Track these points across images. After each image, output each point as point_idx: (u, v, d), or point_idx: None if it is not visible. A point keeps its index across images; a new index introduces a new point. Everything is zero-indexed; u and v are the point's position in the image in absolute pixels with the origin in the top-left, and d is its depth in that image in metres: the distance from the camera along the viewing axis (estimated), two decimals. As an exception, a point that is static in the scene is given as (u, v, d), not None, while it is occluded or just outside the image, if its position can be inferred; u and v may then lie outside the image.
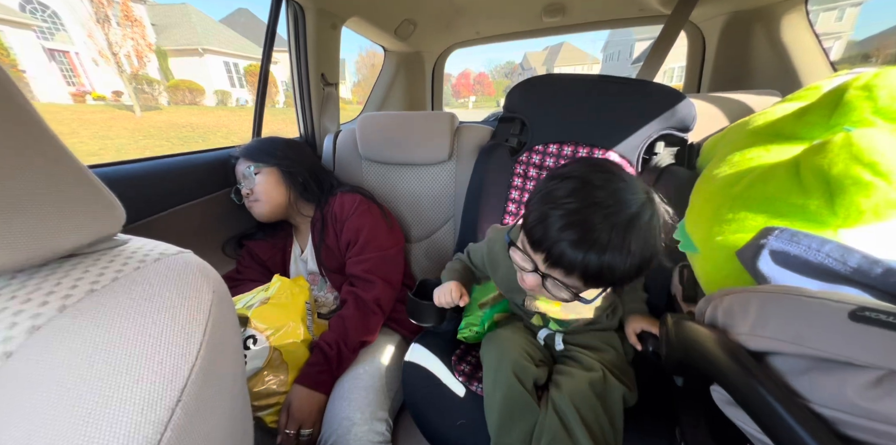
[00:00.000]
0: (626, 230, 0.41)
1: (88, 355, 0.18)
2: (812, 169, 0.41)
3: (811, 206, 0.41)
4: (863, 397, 0.20)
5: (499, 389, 0.52)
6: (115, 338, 0.19)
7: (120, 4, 10.60)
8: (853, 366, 0.21)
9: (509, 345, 0.57)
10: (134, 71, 11.20)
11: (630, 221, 0.41)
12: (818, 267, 0.34)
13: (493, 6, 1.36)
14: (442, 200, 1.00)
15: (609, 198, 0.42)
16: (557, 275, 0.45)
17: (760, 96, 0.86)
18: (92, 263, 0.23)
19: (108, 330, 0.19)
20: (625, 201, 0.42)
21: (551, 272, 0.45)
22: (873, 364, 0.20)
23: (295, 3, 0.98)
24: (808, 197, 0.41)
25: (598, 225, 0.41)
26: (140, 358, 0.19)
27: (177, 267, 0.25)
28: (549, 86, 0.84)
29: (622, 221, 0.41)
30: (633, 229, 0.41)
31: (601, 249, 0.41)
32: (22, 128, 0.20)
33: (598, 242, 0.41)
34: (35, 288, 0.20)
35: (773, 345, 0.27)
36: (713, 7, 1.20)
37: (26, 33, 10.75)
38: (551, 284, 0.46)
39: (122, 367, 0.18)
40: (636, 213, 0.42)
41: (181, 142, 9.08)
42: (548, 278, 0.46)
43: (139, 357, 0.19)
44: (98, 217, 0.24)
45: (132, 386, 0.18)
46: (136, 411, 0.17)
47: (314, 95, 1.14)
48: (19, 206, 0.19)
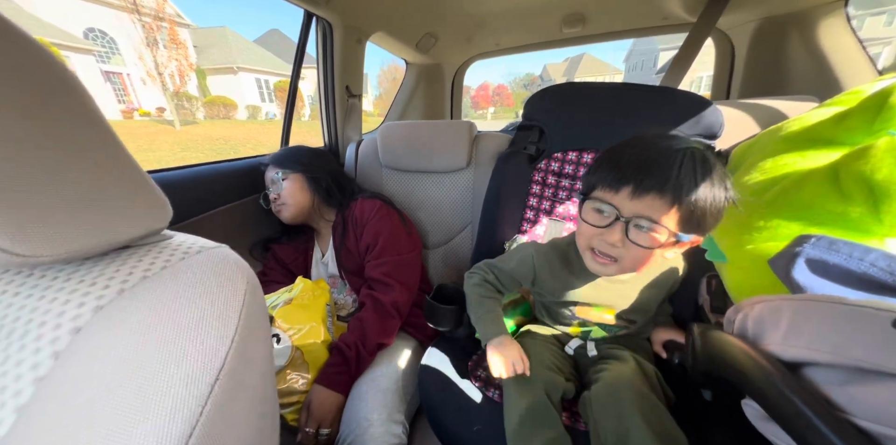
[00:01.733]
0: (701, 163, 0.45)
1: (142, 333, 0.20)
2: (853, 175, 0.39)
3: (853, 214, 0.39)
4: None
5: (525, 398, 0.50)
6: (164, 319, 0.21)
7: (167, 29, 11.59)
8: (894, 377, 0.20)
9: (538, 357, 0.55)
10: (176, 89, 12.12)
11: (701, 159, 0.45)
12: (862, 277, 0.32)
13: (513, 18, 1.39)
14: (460, 207, 1.01)
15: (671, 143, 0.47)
16: (645, 209, 0.45)
17: (796, 102, 0.83)
18: (144, 253, 0.25)
19: (159, 312, 0.21)
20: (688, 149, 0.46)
21: (639, 206, 0.45)
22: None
23: (324, 21, 1.04)
24: (850, 204, 0.39)
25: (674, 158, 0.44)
26: (185, 338, 0.20)
27: (216, 259, 0.27)
28: (569, 94, 0.84)
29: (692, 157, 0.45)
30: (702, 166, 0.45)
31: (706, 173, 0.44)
32: (94, 132, 0.22)
33: (680, 169, 0.43)
34: (99, 273, 0.23)
35: (808, 355, 0.25)
36: (743, 14, 1.17)
37: (88, 58, 11.96)
38: (634, 230, 0.46)
39: (170, 346, 0.20)
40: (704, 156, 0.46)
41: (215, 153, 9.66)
42: (632, 222, 0.46)
43: (184, 337, 0.20)
44: (150, 213, 0.26)
45: (179, 363, 0.19)
46: (182, 385, 0.19)
47: (339, 106, 1.20)
48: (91, 201, 0.21)
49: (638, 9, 1.33)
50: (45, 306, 0.21)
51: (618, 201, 0.46)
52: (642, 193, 0.45)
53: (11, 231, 0.19)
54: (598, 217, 0.48)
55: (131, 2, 10.94)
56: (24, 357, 0.19)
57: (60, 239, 0.21)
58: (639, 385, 0.47)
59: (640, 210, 0.45)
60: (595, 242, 0.50)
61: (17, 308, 0.21)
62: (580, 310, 0.60)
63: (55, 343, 0.20)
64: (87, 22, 12.58)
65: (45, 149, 0.20)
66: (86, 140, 0.22)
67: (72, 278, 0.23)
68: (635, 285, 0.56)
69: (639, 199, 0.45)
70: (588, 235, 0.50)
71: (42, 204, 0.20)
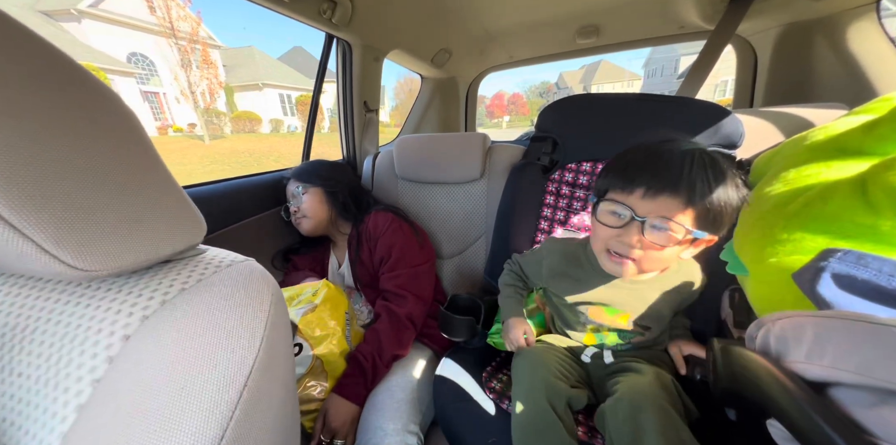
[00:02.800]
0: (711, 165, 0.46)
1: (181, 341, 0.22)
2: (883, 186, 0.37)
3: (883, 227, 0.37)
4: None
5: (525, 405, 0.50)
6: (199, 329, 0.23)
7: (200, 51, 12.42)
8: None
9: (542, 363, 0.55)
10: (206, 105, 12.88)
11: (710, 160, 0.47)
12: (893, 293, 0.31)
13: (527, 31, 1.42)
14: (474, 218, 1.02)
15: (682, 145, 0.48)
16: (660, 209, 0.46)
17: (823, 110, 0.80)
18: (182, 267, 0.28)
19: (196, 322, 0.23)
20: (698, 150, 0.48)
21: (654, 206, 0.46)
22: None
23: (344, 42, 1.10)
24: (879, 216, 0.38)
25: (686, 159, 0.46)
26: (218, 346, 0.22)
27: (244, 273, 0.29)
28: (583, 105, 0.85)
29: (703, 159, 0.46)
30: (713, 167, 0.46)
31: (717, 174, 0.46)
32: (144, 156, 0.25)
33: (717, 167, 0.46)
34: (144, 285, 0.25)
35: (833, 375, 0.25)
36: (764, 20, 1.15)
37: (130, 80, 12.99)
38: (650, 230, 0.46)
39: (206, 353, 0.22)
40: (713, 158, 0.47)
41: (240, 166, 10.13)
42: (647, 222, 0.46)
43: (217, 346, 0.22)
44: (188, 229, 0.29)
45: (212, 370, 0.21)
46: (215, 390, 0.20)
47: (357, 121, 1.25)
48: (140, 220, 0.24)
49: (653, 19, 1.33)
50: (100, 315, 0.23)
51: (632, 202, 0.47)
52: (656, 193, 0.46)
53: (74, 248, 0.21)
54: (614, 218, 0.49)
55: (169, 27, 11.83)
56: (83, 360, 0.22)
57: (114, 256, 0.23)
58: (657, 398, 0.46)
59: (655, 209, 0.46)
60: (612, 244, 0.50)
61: (77, 316, 0.23)
62: (593, 312, 0.59)
63: (109, 348, 0.22)
64: (130, 47, 13.67)
65: (105, 174, 0.23)
66: (137, 163, 0.25)
67: (122, 290, 0.25)
68: (652, 287, 0.56)
69: (652, 199, 0.46)
70: (605, 237, 0.51)
71: (101, 223, 0.22)
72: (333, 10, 0.85)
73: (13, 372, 0.22)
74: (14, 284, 0.26)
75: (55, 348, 0.22)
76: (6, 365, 0.22)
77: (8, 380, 0.22)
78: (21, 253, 0.20)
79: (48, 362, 0.22)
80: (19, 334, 0.23)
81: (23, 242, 0.19)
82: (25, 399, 0.21)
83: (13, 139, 0.18)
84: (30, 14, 11.15)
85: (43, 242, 0.20)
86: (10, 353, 0.23)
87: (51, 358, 0.22)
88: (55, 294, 0.25)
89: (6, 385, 0.22)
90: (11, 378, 0.22)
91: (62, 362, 0.22)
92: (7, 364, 0.22)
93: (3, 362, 0.22)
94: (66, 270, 0.21)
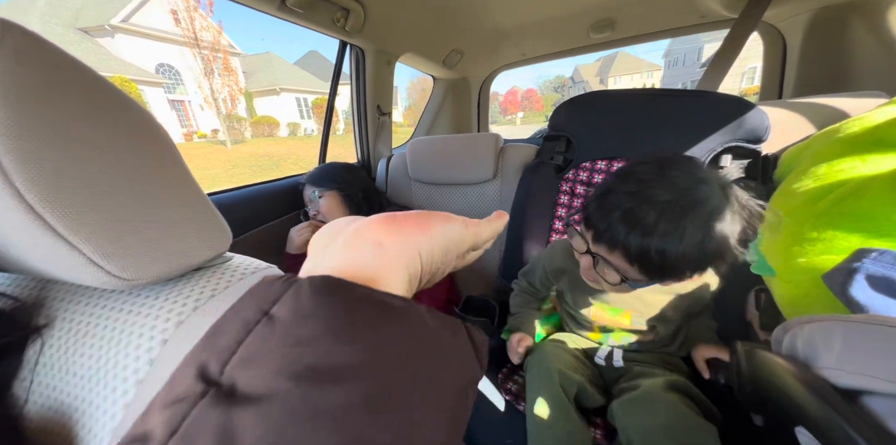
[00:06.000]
0: (680, 216, 0.40)
1: None
2: None
3: None
4: None
5: (540, 395, 0.51)
6: None
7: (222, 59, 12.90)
8: None
9: (556, 356, 0.56)
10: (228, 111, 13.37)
11: (686, 207, 0.40)
12: (933, 296, 0.29)
13: (539, 28, 1.40)
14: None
15: (666, 185, 0.42)
16: (603, 253, 0.46)
17: (859, 99, 0.75)
18: (211, 275, 0.30)
19: None
20: (685, 188, 0.41)
21: (598, 249, 0.47)
22: None
23: (357, 48, 1.12)
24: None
25: (647, 208, 0.41)
26: None
27: None
28: (597, 103, 0.83)
29: (675, 206, 0.40)
30: (689, 216, 0.40)
31: (646, 231, 0.41)
32: (177, 171, 0.27)
33: (643, 223, 0.41)
34: (178, 292, 0.27)
35: (864, 382, 0.24)
36: (793, 5, 1.09)
37: (158, 90, 13.70)
38: (601, 265, 0.47)
39: None
40: (697, 201, 0.41)
41: (260, 170, 10.47)
42: (597, 258, 0.47)
43: None
44: (215, 238, 0.31)
45: None
46: None
47: (370, 124, 1.27)
48: (176, 232, 0.26)
49: (672, 9, 1.28)
50: (140, 320, 0.25)
51: (588, 236, 0.49)
52: (597, 242, 0.47)
53: (119, 259, 0.23)
54: (578, 243, 0.51)
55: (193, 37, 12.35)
56: (127, 362, 0.24)
57: (153, 266, 0.25)
58: (669, 400, 0.46)
59: (601, 252, 0.47)
60: (579, 260, 0.53)
61: (121, 321, 0.26)
62: (595, 313, 0.59)
63: (150, 352, 0.24)
64: (158, 58, 14.37)
65: (144, 191, 0.24)
66: (171, 179, 0.27)
67: (159, 296, 0.27)
68: (650, 289, 0.54)
69: (597, 245, 0.47)
70: (575, 253, 0.54)
71: (141, 236, 0.24)
72: (346, 18, 0.87)
73: (69, 372, 0.24)
74: (67, 291, 0.29)
75: (103, 350, 0.24)
76: (63, 366, 0.25)
77: (65, 379, 0.24)
78: (72, 264, 0.22)
79: (98, 363, 0.24)
80: (72, 337, 0.25)
81: (74, 254, 0.21)
82: (81, 396, 0.24)
83: (63, 163, 0.20)
84: (69, 32, 11.90)
85: (91, 254, 0.22)
86: (65, 355, 0.25)
87: (100, 360, 0.24)
88: (101, 300, 0.27)
89: (64, 384, 0.24)
90: (68, 377, 0.24)
91: (110, 364, 0.24)
92: (64, 364, 0.25)
93: (60, 363, 0.25)
94: (111, 279, 0.23)
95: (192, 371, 0.11)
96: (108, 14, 12.90)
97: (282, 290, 0.12)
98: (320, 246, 0.17)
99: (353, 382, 0.11)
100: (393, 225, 0.15)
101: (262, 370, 0.10)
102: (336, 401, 0.10)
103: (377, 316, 0.12)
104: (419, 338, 0.13)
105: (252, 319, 0.12)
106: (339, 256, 0.15)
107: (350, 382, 0.11)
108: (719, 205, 0.41)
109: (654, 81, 46.56)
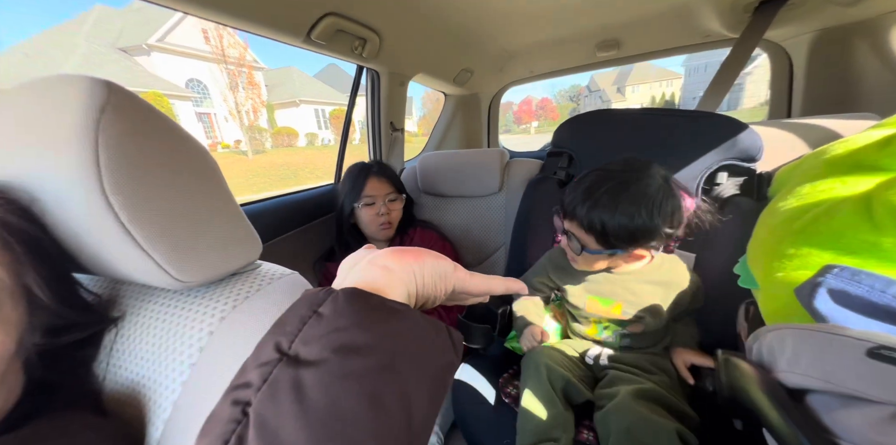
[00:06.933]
0: (620, 192, 0.53)
1: (247, 338, 0.29)
2: (886, 205, 0.38)
3: (885, 244, 0.38)
4: (878, 431, 0.20)
5: (530, 388, 0.57)
6: (259, 329, 0.30)
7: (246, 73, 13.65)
8: (871, 402, 0.21)
9: (548, 356, 0.62)
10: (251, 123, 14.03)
11: (626, 185, 0.54)
12: (885, 308, 0.32)
13: (545, 47, 1.46)
14: (492, 230, 1.07)
15: (622, 171, 0.56)
16: (569, 227, 0.59)
17: (852, 121, 0.77)
18: (245, 279, 0.35)
19: (256, 323, 0.30)
20: (633, 173, 0.55)
21: (570, 227, 0.59)
22: (888, 400, 0.20)
23: (373, 70, 1.21)
24: (882, 234, 0.38)
25: (599, 190, 0.54)
26: None
27: (290, 284, 0.36)
28: (599, 121, 0.88)
29: (619, 185, 0.54)
30: (625, 194, 0.53)
31: (594, 204, 0.54)
32: (220, 188, 0.33)
33: (594, 197, 0.54)
34: (220, 293, 0.33)
35: (805, 382, 0.27)
36: (796, 26, 1.12)
37: (187, 103, 14.56)
38: (572, 240, 0.59)
39: None
40: (636, 183, 0.54)
41: (279, 179, 10.87)
42: (569, 233, 0.59)
43: None
44: (249, 247, 0.36)
45: None
46: None
47: (384, 139, 1.35)
48: (219, 242, 0.32)
49: (675, 30, 1.33)
50: (192, 315, 0.31)
51: (563, 219, 0.62)
52: (568, 220, 0.60)
53: (178, 265, 0.29)
54: (559, 223, 0.64)
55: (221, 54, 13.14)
56: (182, 349, 0.29)
57: (203, 271, 0.31)
58: (635, 408, 0.50)
59: (568, 227, 0.60)
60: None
61: (177, 315, 0.31)
62: (590, 306, 0.67)
63: (200, 340, 0.29)
64: (188, 74, 15.31)
65: (197, 210, 0.31)
66: (217, 199, 0.33)
67: (205, 296, 0.33)
68: (637, 279, 0.64)
69: (569, 222, 0.60)
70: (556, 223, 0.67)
71: (195, 247, 0.30)
72: (363, 46, 0.96)
73: (136, 356, 0.30)
74: (133, 290, 0.35)
75: (163, 339, 0.30)
76: (132, 351, 0.31)
77: (133, 362, 0.30)
78: (146, 268, 0.28)
79: (159, 349, 0.30)
80: (139, 328, 0.31)
81: (148, 261, 0.27)
82: (146, 375, 0.29)
83: (145, 192, 0.26)
84: (111, 51, 12.88)
85: (160, 261, 0.28)
86: (133, 342, 0.31)
87: (161, 347, 0.30)
88: (160, 299, 0.33)
89: (133, 365, 0.30)
90: (136, 360, 0.30)
91: (168, 350, 0.29)
92: (133, 349, 0.31)
93: (130, 348, 0.31)
94: (172, 281, 0.29)
95: (271, 346, 0.17)
96: (146, 34, 13.90)
97: (324, 297, 0.18)
98: (347, 267, 0.23)
99: (370, 356, 0.16)
100: (397, 254, 0.22)
101: (314, 346, 0.16)
102: (360, 367, 0.16)
103: (386, 315, 0.18)
104: (413, 331, 0.18)
105: (306, 315, 0.17)
106: (361, 275, 0.21)
107: (368, 356, 0.16)
108: (655, 192, 0.53)
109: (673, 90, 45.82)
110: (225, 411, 0.15)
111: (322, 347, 0.16)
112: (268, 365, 0.16)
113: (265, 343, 0.17)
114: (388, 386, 0.16)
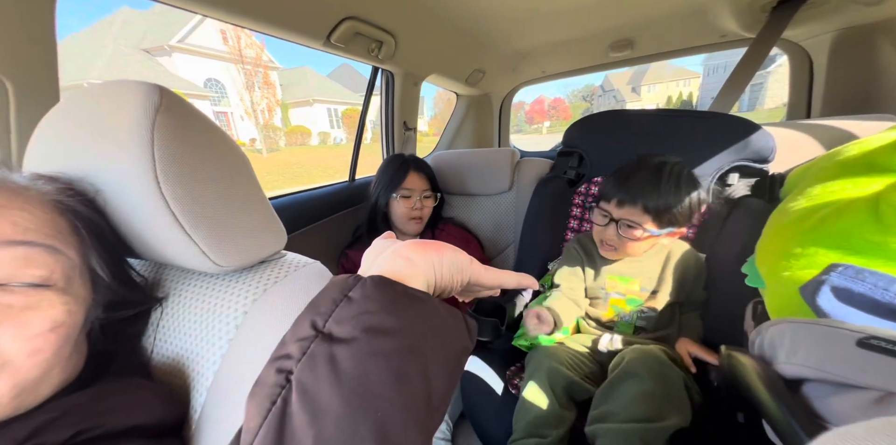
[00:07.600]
0: (678, 178, 0.63)
1: (277, 317, 0.32)
2: (893, 205, 0.39)
3: (892, 245, 0.39)
4: (864, 414, 0.22)
5: (529, 386, 0.59)
6: (287, 311, 0.33)
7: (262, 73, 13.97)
8: (859, 388, 0.23)
9: (552, 355, 0.63)
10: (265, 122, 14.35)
11: (678, 174, 0.64)
12: (887, 306, 0.33)
13: (557, 48, 1.47)
14: (503, 228, 1.09)
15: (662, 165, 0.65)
16: (626, 214, 0.65)
17: (870, 122, 0.76)
18: (273, 267, 0.38)
19: (285, 305, 0.33)
20: (676, 165, 0.65)
21: (622, 213, 0.65)
22: (873, 385, 0.22)
23: (387, 71, 1.24)
24: (889, 234, 0.39)
25: (662, 176, 0.63)
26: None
27: (314, 272, 0.39)
28: (610, 121, 0.89)
29: (675, 173, 0.64)
30: (682, 179, 0.64)
31: (659, 190, 0.62)
32: (251, 184, 0.36)
33: (659, 185, 0.62)
34: (251, 278, 0.36)
35: (801, 372, 0.28)
36: (816, 25, 1.10)
37: (205, 102, 15.00)
38: (622, 228, 0.65)
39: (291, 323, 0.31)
40: (686, 171, 0.65)
41: (292, 177, 11.08)
42: (620, 222, 0.65)
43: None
44: (276, 237, 0.39)
45: None
46: None
47: (397, 138, 1.38)
48: (252, 230, 0.35)
49: (690, 30, 1.32)
50: (228, 297, 0.34)
51: (610, 208, 0.68)
52: (622, 204, 0.65)
53: (217, 250, 0.32)
54: (601, 218, 0.69)
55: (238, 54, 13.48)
56: (220, 326, 0.32)
57: (238, 257, 0.34)
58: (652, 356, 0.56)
59: (624, 215, 0.65)
60: (600, 236, 0.71)
61: (215, 297, 0.35)
62: (610, 284, 0.74)
63: (236, 319, 0.32)
64: (206, 74, 15.74)
65: (232, 201, 0.34)
66: (248, 191, 0.36)
67: (238, 280, 0.36)
68: (651, 260, 0.72)
69: (621, 208, 0.66)
70: (597, 231, 0.72)
71: (232, 234, 0.33)
72: (380, 48, 0.99)
73: (180, 332, 0.34)
74: (175, 273, 0.38)
75: (203, 318, 0.33)
76: (176, 327, 0.34)
77: (177, 337, 0.34)
78: (191, 253, 0.31)
79: (200, 326, 0.33)
80: (181, 307, 0.35)
81: (193, 247, 0.31)
82: (190, 349, 0.33)
83: (193, 186, 0.30)
84: (135, 52, 13.35)
85: (203, 247, 0.31)
86: (177, 319, 0.34)
87: (202, 324, 0.33)
88: (199, 281, 0.37)
89: (177, 340, 0.33)
90: (179, 336, 0.33)
91: (209, 327, 0.33)
92: (176, 326, 0.34)
93: (174, 325, 0.34)
94: (211, 265, 0.32)
95: (307, 324, 0.19)
96: (168, 36, 14.36)
97: (354, 283, 0.20)
98: (372, 256, 0.25)
99: (395, 337, 0.18)
100: (420, 247, 0.24)
101: (346, 326, 0.18)
102: (386, 347, 0.18)
103: (408, 301, 0.20)
104: (433, 316, 0.20)
105: (338, 298, 0.19)
106: (386, 264, 0.23)
107: (395, 337, 0.18)
108: (687, 181, 0.64)
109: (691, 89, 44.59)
110: (271, 377, 0.17)
111: (353, 327, 0.18)
112: (306, 340, 0.18)
113: (302, 320, 0.19)
114: (412, 365, 0.18)
